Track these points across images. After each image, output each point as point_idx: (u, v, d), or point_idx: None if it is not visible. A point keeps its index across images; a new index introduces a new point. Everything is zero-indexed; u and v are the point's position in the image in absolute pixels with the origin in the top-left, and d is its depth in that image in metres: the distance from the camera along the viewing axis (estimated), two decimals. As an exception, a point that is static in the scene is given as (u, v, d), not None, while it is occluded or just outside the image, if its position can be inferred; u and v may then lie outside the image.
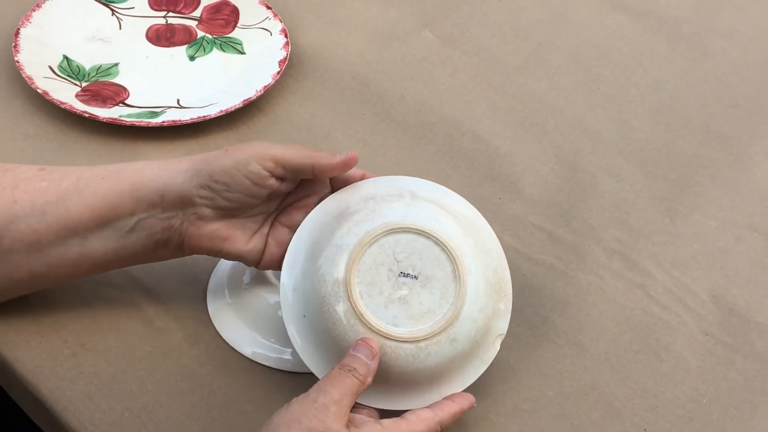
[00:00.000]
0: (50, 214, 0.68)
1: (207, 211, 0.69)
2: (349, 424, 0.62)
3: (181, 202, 0.68)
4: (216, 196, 0.68)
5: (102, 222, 0.68)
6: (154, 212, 0.68)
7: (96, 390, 0.71)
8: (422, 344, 0.65)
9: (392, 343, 0.65)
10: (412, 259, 0.67)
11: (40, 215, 0.68)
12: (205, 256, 0.72)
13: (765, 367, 0.75)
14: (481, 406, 0.71)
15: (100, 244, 0.69)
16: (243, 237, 0.71)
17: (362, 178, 0.72)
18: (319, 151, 0.70)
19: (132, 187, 0.68)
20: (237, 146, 0.69)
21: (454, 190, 0.73)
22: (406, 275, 0.67)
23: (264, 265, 0.72)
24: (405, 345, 0.65)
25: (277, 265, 0.71)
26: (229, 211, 0.70)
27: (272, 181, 0.69)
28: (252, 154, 0.68)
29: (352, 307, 0.65)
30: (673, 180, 0.90)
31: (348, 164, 0.70)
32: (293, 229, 0.71)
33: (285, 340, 0.74)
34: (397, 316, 0.66)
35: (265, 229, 0.72)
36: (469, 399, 0.67)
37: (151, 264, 0.73)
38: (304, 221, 0.71)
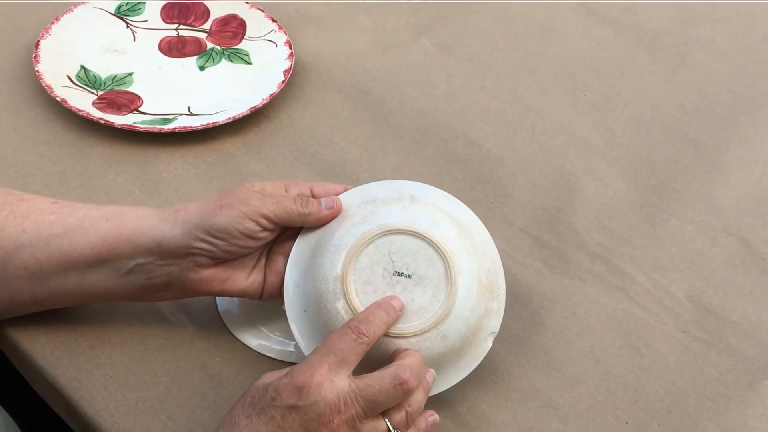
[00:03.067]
0: (53, 246, 0.67)
1: (205, 260, 0.68)
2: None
3: (179, 253, 0.67)
4: (214, 248, 0.67)
5: (100, 260, 0.68)
6: (152, 258, 0.67)
7: (111, 381, 0.71)
8: (413, 340, 0.66)
9: (385, 339, 0.65)
10: (407, 260, 0.67)
11: (44, 246, 0.67)
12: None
13: (738, 362, 0.76)
14: (473, 396, 0.72)
15: (98, 280, 0.68)
16: (242, 275, 0.70)
17: (343, 190, 0.72)
18: (307, 205, 0.69)
19: (131, 233, 0.67)
20: (230, 198, 0.68)
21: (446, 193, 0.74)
22: (401, 274, 0.67)
23: (266, 296, 0.71)
24: (397, 340, 0.66)
25: (278, 294, 0.70)
26: (226, 259, 0.69)
27: (265, 234, 0.68)
28: (246, 212, 0.67)
29: (348, 304, 0.66)
30: (652, 186, 0.90)
31: (335, 214, 0.70)
32: (288, 256, 0.70)
33: (289, 334, 0.74)
34: None
35: (262, 262, 0.71)
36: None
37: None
38: None
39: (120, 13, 1.01)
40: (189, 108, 0.92)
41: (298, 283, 0.69)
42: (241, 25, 1.01)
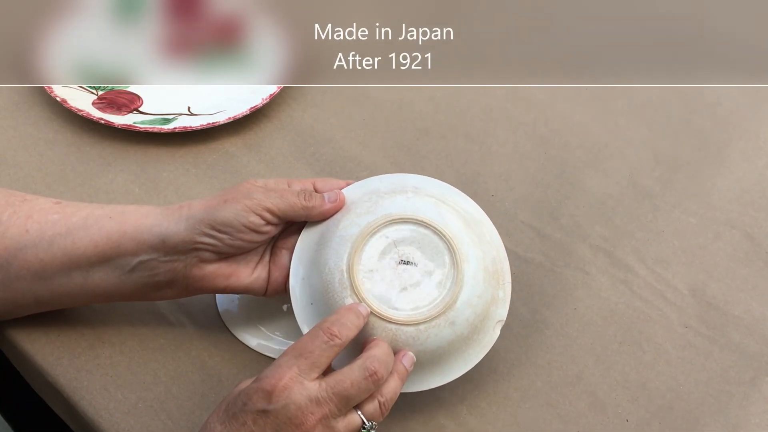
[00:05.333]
0: (57, 246, 0.67)
1: (209, 255, 0.68)
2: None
3: (183, 248, 0.67)
4: (218, 243, 0.67)
5: (104, 258, 0.67)
6: (156, 255, 0.67)
7: (111, 381, 0.71)
8: (422, 327, 0.65)
9: (393, 327, 0.65)
10: (412, 248, 0.67)
11: (48, 246, 0.67)
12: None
13: (741, 358, 0.75)
14: (473, 395, 0.71)
15: (101, 279, 0.68)
16: (246, 270, 0.69)
17: (346, 185, 0.72)
18: (310, 199, 0.69)
19: (135, 230, 0.67)
20: (234, 193, 0.68)
21: None
22: (407, 263, 0.67)
23: (271, 292, 0.70)
24: (405, 328, 0.65)
25: (283, 289, 0.70)
26: (231, 254, 0.69)
27: (269, 228, 0.68)
28: (250, 206, 0.67)
29: (355, 294, 0.65)
30: (655, 177, 0.89)
31: (339, 207, 0.70)
32: (293, 251, 0.70)
33: (289, 334, 0.74)
34: (397, 302, 0.66)
35: (266, 257, 0.70)
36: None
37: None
38: None
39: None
40: (189, 108, 0.92)
41: (303, 276, 0.68)
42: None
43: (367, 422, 0.62)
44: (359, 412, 0.62)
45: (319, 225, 0.70)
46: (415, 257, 0.67)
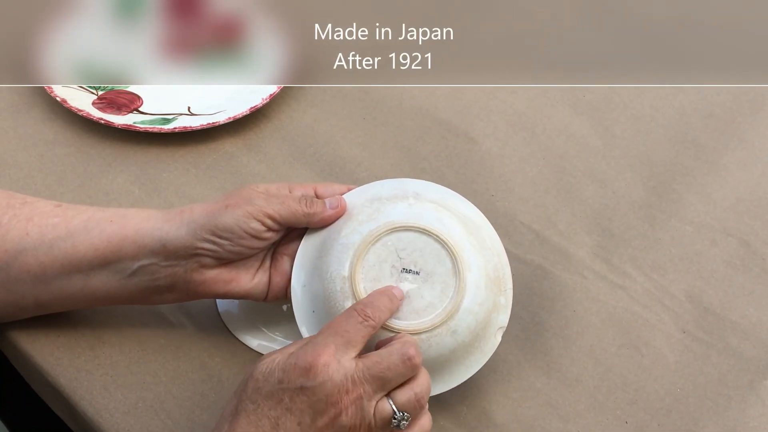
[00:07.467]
0: (57, 249, 0.67)
1: (209, 261, 0.68)
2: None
3: (184, 253, 0.67)
4: (219, 249, 0.67)
5: (104, 262, 0.68)
6: (156, 259, 0.67)
7: (112, 381, 0.71)
8: (424, 336, 0.66)
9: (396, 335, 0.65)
10: (414, 256, 0.67)
11: (48, 249, 0.67)
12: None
13: (738, 362, 0.76)
14: (473, 395, 0.72)
15: (101, 283, 0.68)
16: (247, 276, 0.70)
17: (347, 190, 0.72)
18: (311, 205, 0.69)
19: (136, 234, 0.67)
20: (235, 198, 0.68)
21: (449, 187, 0.74)
22: (409, 271, 0.67)
23: (271, 298, 0.71)
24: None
25: (283, 295, 0.70)
26: (231, 260, 0.69)
27: (270, 234, 0.68)
28: (251, 212, 0.67)
29: None
30: (652, 187, 0.90)
31: (340, 213, 0.70)
32: (294, 257, 0.70)
33: (289, 334, 0.75)
34: (399, 311, 0.66)
35: (267, 263, 0.71)
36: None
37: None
38: None
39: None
40: (189, 108, 0.92)
41: (305, 283, 0.69)
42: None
43: (398, 412, 0.61)
44: (390, 401, 0.61)
45: (320, 231, 0.70)
46: (417, 265, 0.67)
